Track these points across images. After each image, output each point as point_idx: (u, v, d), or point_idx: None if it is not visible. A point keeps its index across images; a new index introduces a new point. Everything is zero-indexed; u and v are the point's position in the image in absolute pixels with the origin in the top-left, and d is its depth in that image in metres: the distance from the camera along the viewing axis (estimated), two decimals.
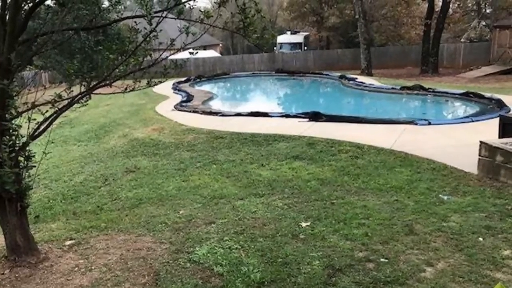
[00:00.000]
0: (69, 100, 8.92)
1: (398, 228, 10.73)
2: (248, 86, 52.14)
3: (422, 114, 28.23)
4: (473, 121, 22.60)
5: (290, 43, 73.20)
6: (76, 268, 9.40)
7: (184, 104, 31.92)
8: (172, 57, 9.85)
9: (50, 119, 8.97)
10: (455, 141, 18.64)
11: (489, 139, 14.69)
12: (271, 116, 25.88)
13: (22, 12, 8.34)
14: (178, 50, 9.58)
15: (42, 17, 9.73)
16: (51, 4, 9.70)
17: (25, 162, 9.03)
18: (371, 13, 65.47)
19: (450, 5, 57.57)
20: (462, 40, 68.91)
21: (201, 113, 27.98)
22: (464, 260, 9.09)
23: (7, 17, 8.11)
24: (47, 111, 8.75)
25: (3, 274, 9.14)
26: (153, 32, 8.76)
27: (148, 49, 9.18)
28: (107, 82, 9.16)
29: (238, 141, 20.09)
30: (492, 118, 21.78)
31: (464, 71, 51.66)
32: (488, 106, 27.23)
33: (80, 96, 9.08)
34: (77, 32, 9.57)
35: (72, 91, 8.97)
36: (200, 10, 8.76)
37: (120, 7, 9.39)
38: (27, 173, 9.26)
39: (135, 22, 8.82)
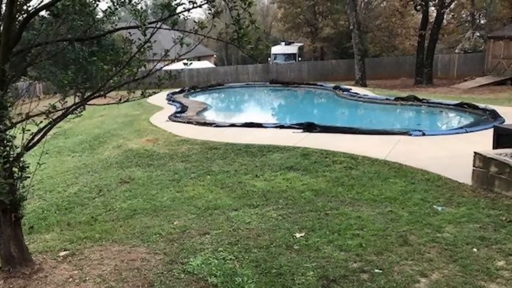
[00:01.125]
0: (63, 111, 8.92)
1: (393, 239, 10.74)
2: (242, 97, 52.18)
3: (416, 125, 28.29)
4: (467, 132, 22.66)
5: (284, 54, 73.26)
6: (71, 279, 9.38)
7: (178, 115, 31.90)
8: (166, 68, 9.86)
9: (44, 130, 8.96)
10: (449, 152, 18.67)
11: (483, 150, 14.72)
12: (265, 127, 25.91)
13: (16, 23, 8.34)
14: (172, 61, 9.58)
15: (37, 28, 9.74)
16: (46, 15, 9.71)
17: (19, 173, 9.01)
18: (366, 24, 65.70)
19: (444, 16, 57.75)
20: (456, 51, 69.12)
21: (195, 124, 27.98)
22: (458, 271, 9.09)
23: (1, 28, 8.11)
24: (41, 122, 8.74)
25: None
26: (148, 43, 8.77)
27: (143, 60, 9.18)
28: (101, 93, 9.16)
29: (233, 152, 20.10)
30: (486, 129, 21.87)
31: (458, 82, 51.82)
32: (483, 117, 27.31)
33: (74, 107, 9.07)
34: (71, 43, 9.58)
35: (66, 102, 8.96)
36: (194, 21, 8.78)
37: (114, 18, 9.40)
38: (21, 184, 9.24)
39: (129, 32, 8.83)
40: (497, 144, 15.68)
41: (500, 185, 13.57)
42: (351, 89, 43.29)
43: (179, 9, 8.75)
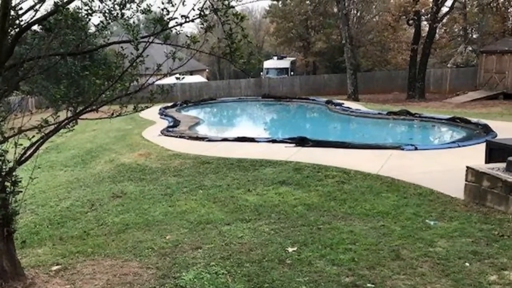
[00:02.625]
0: (55, 125, 8.91)
1: (385, 253, 10.73)
2: (234, 111, 52.21)
3: (408, 139, 28.34)
4: (459, 146, 22.71)
5: (276, 68, 73.39)
6: None
7: (170, 129, 31.84)
8: (158, 82, 9.86)
9: (37, 144, 8.95)
10: (441, 166, 18.69)
11: (476, 164, 14.74)
12: (257, 141, 25.88)
13: (9, 37, 8.34)
14: (165, 75, 9.60)
15: (29, 42, 9.73)
16: (38, 30, 9.71)
17: (12, 187, 8.99)
18: (358, 38, 66.02)
19: (437, 30, 58.03)
20: (448, 65, 69.36)
21: (187, 138, 27.92)
22: (450, 286, 9.08)
23: None
24: (33, 136, 8.74)
25: None
26: (140, 57, 8.77)
27: (135, 74, 9.18)
28: (94, 107, 9.16)
29: (225, 166, 20.07)
30: (478, 143, 21.91)
31: (450, 96, 52.01)
32: (475, 131, 27.38)
33: (66, 121, 9.07)
34: (64, 57, 9.57)
35: (59, 116, 8.96)
36: (187, 35, 8.79)
37: (106, 32, 9.41)
38: (13, 198, 9.21)
39: (121, 47, 8.83)
40: (489, 159, 15.71)
41: (492, 200, 13.58)
42: (343, 103, 43.38)
43: (172, 23, 8.77)
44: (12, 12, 8.10)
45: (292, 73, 74.49)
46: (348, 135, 31.56)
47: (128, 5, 8.77)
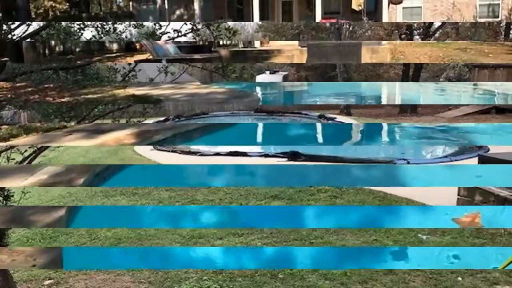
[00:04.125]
0: None
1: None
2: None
3: (401, 154, 28.35)
4: (452, 161, 22.67)
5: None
6: None
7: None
8: None
9: (29, 158, 8.94)
10: None
11: None
12: (250, 156, 25.78)
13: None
14: None
15: None
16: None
17: (4, 201, 8.97)
18: None
19: None
20: (441, 79, 69.42)
21: (180, 153, 27.81)
22: None
23: None
24: (26, 150, 8.73)
25: None
26: (132, 72, 8.78)
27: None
28: (86, 121, 9.16)
29: None
30: (471, 157, 21.89)
31: (442, 110, 52.01)
32: (467, 146, 27.39)
33: None
34: (56, 72, 9.58)
35: None
36: None
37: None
38: None
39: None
40: None
41: None
42: (335, 117, 43.37)
43: (164, 38, 8.79)
44: (5, 27, 8.12)
45: None
46: (340, 150, 31.56)
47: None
